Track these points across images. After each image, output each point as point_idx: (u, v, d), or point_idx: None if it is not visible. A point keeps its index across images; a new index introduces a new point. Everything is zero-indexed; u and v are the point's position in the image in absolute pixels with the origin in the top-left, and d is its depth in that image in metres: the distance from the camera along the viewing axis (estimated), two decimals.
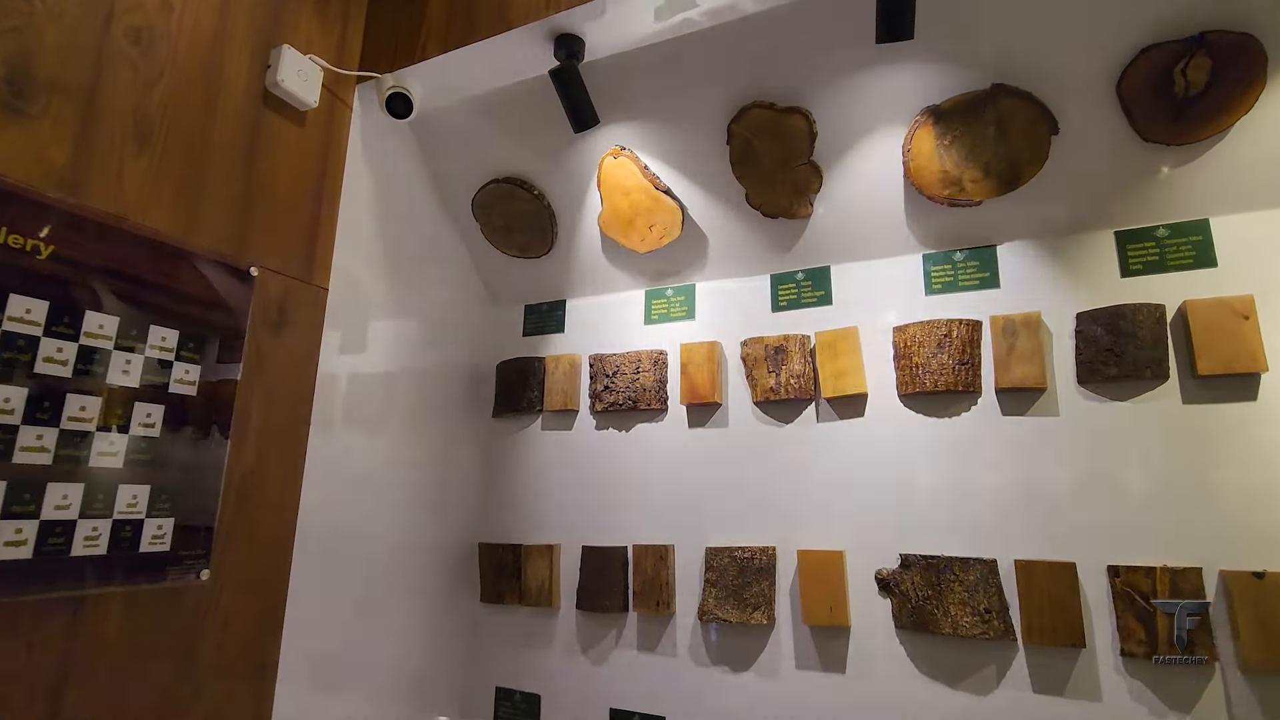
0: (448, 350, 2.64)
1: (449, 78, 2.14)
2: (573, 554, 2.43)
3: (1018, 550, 1.84)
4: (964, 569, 1.86)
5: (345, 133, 2.18)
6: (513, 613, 2.51)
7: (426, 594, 2.44)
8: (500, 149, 2.40)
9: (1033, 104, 1.76)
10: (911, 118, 1.90)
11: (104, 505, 1.48)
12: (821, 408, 2.16)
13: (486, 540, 2.60)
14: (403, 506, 2.37)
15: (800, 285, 2.27)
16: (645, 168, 2.23)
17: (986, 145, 1.84)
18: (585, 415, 2.54)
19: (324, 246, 2.09)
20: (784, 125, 2.00)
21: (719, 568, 2.16)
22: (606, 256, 2.51)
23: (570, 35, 1.95)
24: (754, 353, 2.25)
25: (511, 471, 2.64)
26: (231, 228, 1.81)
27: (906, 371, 2.02)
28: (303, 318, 2.00)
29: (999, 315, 1.94)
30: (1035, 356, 1.88)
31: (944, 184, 1.91)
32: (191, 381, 1.67)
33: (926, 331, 2.00)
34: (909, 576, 1.92)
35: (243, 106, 1.86)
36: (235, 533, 1.75)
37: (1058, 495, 1.83)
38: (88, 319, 1.47)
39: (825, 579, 2.01)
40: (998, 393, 1.94)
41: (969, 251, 2.05)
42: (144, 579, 1.55)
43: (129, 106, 1.59)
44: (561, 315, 2.69)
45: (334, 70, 2.10)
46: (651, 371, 2.41)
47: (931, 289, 2.08)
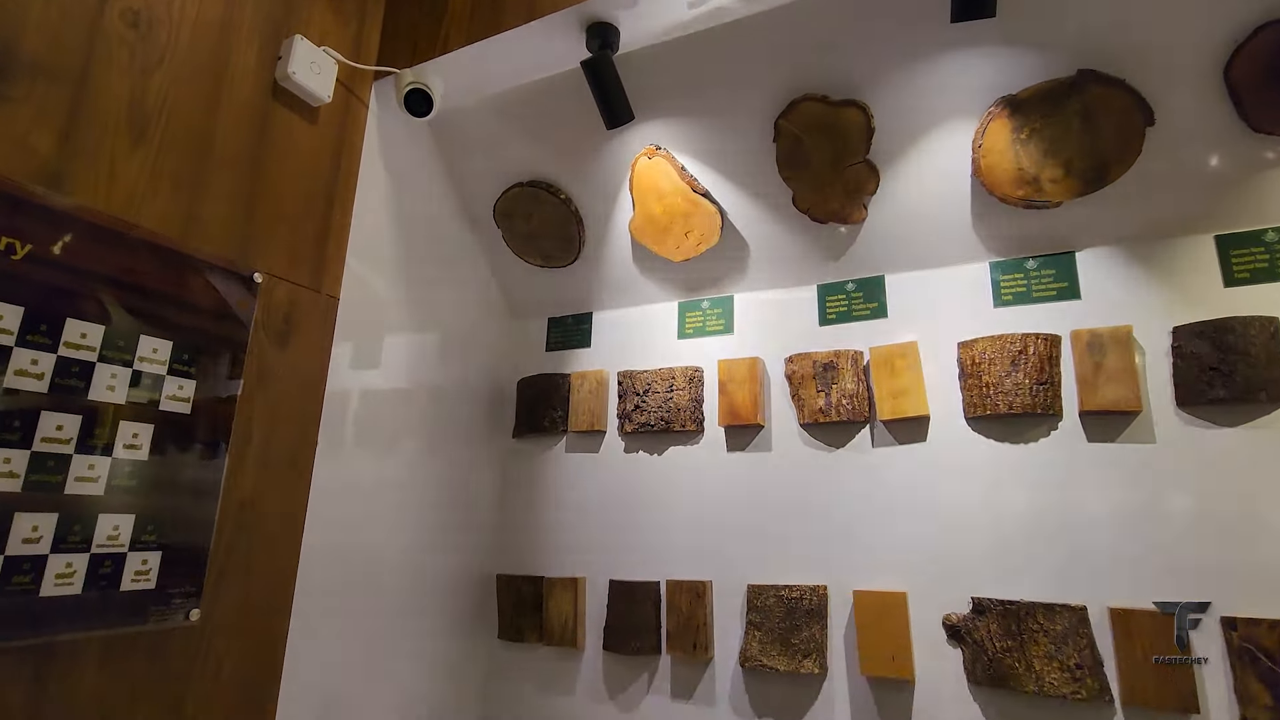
0: (466, 366, 2.47)
1: (472, 72, 1.99)
2: (599, 588, 2.22)
3: (1112, 595, 1.62)
4: (1049, 616, 1.63)
5: (360, 131, 2.03)
6: (533, 652, 2.30)
7: (440, 630, 2.24)
8: (525, 150, 2.24)
9: (1125, 92, 1.57)
10: (983, 110, 1.71)
11: (80, 538, 1.31)
12: (877, 431, 1.95)
13: (505, 572, 2.41)
14: (416, 535, 2.18)
15: (851, 296, 2.07)
16: (682, 169, 2.06)
17: (1070, 139, 1.64)
18: (613, 437, 2.35)
19: (335, 252, 1.93)
20: (838, 120, 1.82)
21: (763, 608, 1.95)
22: (638, 265, 2.33)
23: (604, 24, 1.79)
24: (800, 370, 2.05)
25: (533, 497, 2.44)
26: (234, 230, 1.65)
27: (975, 392, 1.82)
28: (311, 329, 1.83)
29: (1082, 329, 1.74)
30: (1128, 375, 1.66)
31: (1019, 183, 1.72)
32: (185, 398, 1.51)
33: (998, 347, 1.80)
34: (984, 623, 1.70)
35: (250, 99, 1.72)
36: (231, 567, 1.58)
37: (1157, 533, 1.61)
38: (68, 327, 1.31)
39: (885, 624, 1.79)
40: (1082, 416, 1.73)
41: (1044, 259, 1.85)
42: (125, 622, 1.37)
43: (124, 95, 1.45)
44: (588, 329, 2.51)
45: (349, 64, 1.96)
46: (686, 390, 2.22)
47: (1001, 300, 1.87)
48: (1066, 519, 1.69)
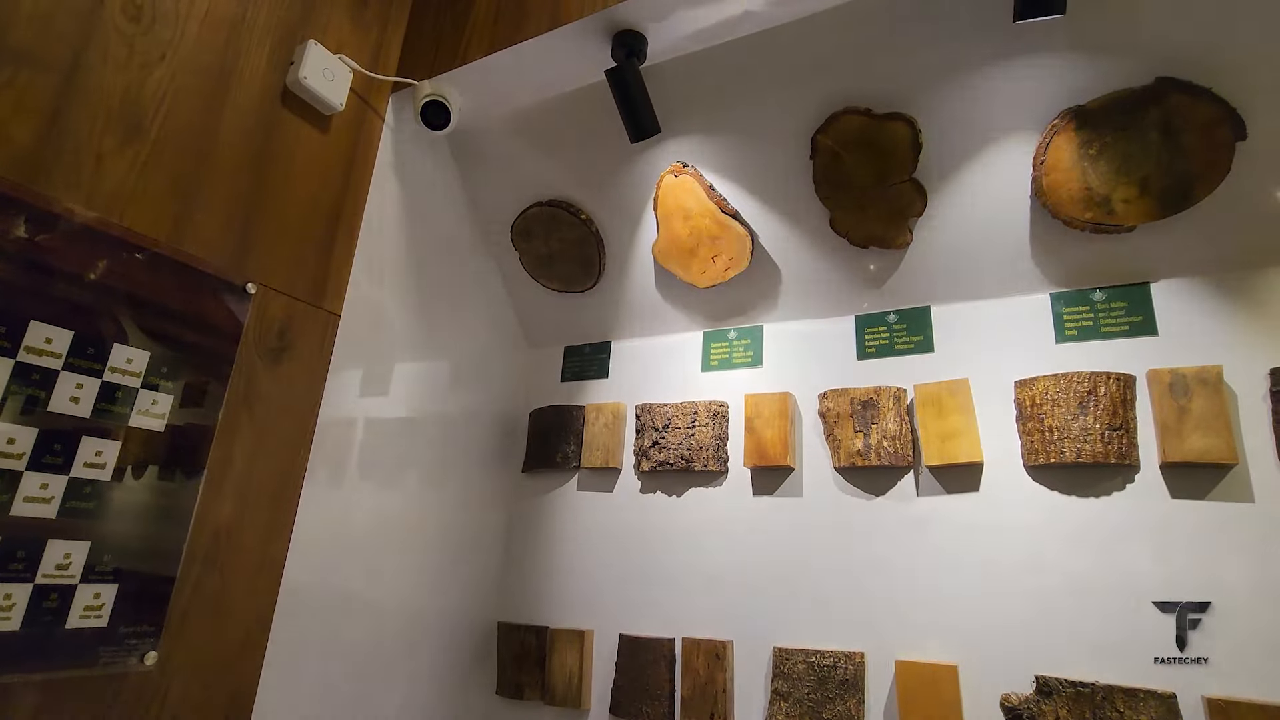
0: (475, 394, 2.33)
1: (492, 84, 1.90)
2: (608, 643, 2.02)
3: (1207, 683, 1.37)
4: (1131, 704, 1.39)
5: (374, 143, 1.94)
6: (533, 712, 2.08)
7: (433, 682, 2.05)
8: (544, 168, 2.13)
9: (1212, 102, 1.40)
10: (1046, 122, 1.55)
11: (24, 566, 1.17)
12: (923, 478, 1.74)
13: (508, 619, 2.21)
14: (412, 576, 2.01)
15: (893, 328, 1.89)
16: (711, 187, 1.92)
17: (1147, 155, 1.47)
18: (629, 475, 2.17)
19: (339, 267, 1.82)
20: (882, 135, 1.68)
21: (791, 675, 1.72)
22: (660, 291, 2.19)
23: (631, 32, 1.69)
24: (836, 407, 1.86)
25: (540, 538, 2.26)
26: (229, 236, 1.55)
27: (1036, 436, 1.61)
28: (307, 347, 1.71)
29: (1162, 369, 1.53)
30: (1219, 422, 1.45)
31: (1087, 204, 1.54)
32: (160, 414, 1.38)
33: (1062, 387, 1.59)
34: (1051, 709, 1.46)
35: (257, 103, 1.63)
36: (197, 605, 1.42)
37: (1257, 609, 1.37)
38: (31, 331, 1.20)
39: (934, 701, 1.56)
40: (1163, 468, 1.51)
41: (1113, 290, 1.65)
42: (70, 664, 1.22)
43: (117, 89, 1.36)
44: (606, 359, 2.36)
45: (365, 74, 1.88)
46: (709, 426, 2.04)
47: (1064, 335, 1.68)
48: (1146, 588, 1.46)
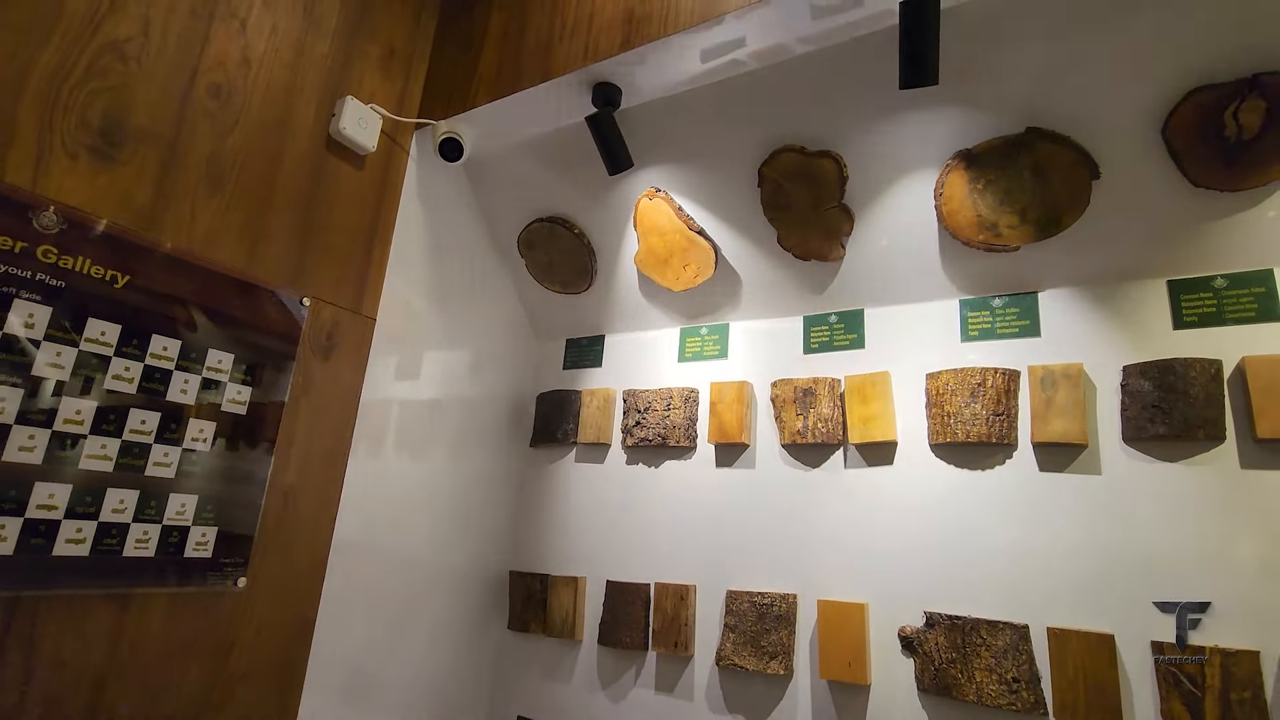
0: (491, 380, 2.75)
1: (498, 123, 2.28)
2: (598, 587, 2.44)
3: (1052, 617, 1.72)
4: (992, 633, 1.75)
5: (401, 174, 2.34)
6: (537, 642, 2.53)
7: (457, 617, 2.50)
8: (544, 189, 2.51)
9: (1070, 147, 1.70)
10: (943, 161, 1.87)
11: (155, 511, 1.63)
12: (849, 453, 2.10)
13: (517, 568, 2.65)
14: (438, 531, 2.46)
15: (833, 327, 2.24)
16: (679, 209, 2.28)
17: (1023, 190, 1.78)
18: (617, 449, 2.58)
19: (375, 279, 2.24)
20: (814, 169, 2.01)
21: (738, 612, 2.12)
22: (643, 294, 2.56)
23: (607, 84, 2.04)
24: (783, 394, 2.23)
25: (544, 501, 2.69)
26: (289, 261, 1.97)
27: (938, 420, 1.95)
28: (350, 345, 2.14)
29: (1038, 365, 1.86)
30: (1075, 410, 1.77)
31: (978, 229, 1.86)
32: (243, 402, 1.82)
33: (960, 379, 1.93)
34: (933, 636, 1.83)
35: (307, 151, 2.04)
36: (273, 545, 1.87)
37: (1097, 560, 1.71)
38: (154, 342, 1.64)
39: (846, 632, 1.94)
40: (1034, 447, 1.84)
41: (1009, 298, 1.97)
42: (187, 582, 1.68)
43: (205, 154, 1.78)
44: (600, 350, 2.75)
45: (392, 118, 2.27)
46: (682, 409, 2.43)
47: (968, 335, 2.01)
48: (1016, 543, 1.81)
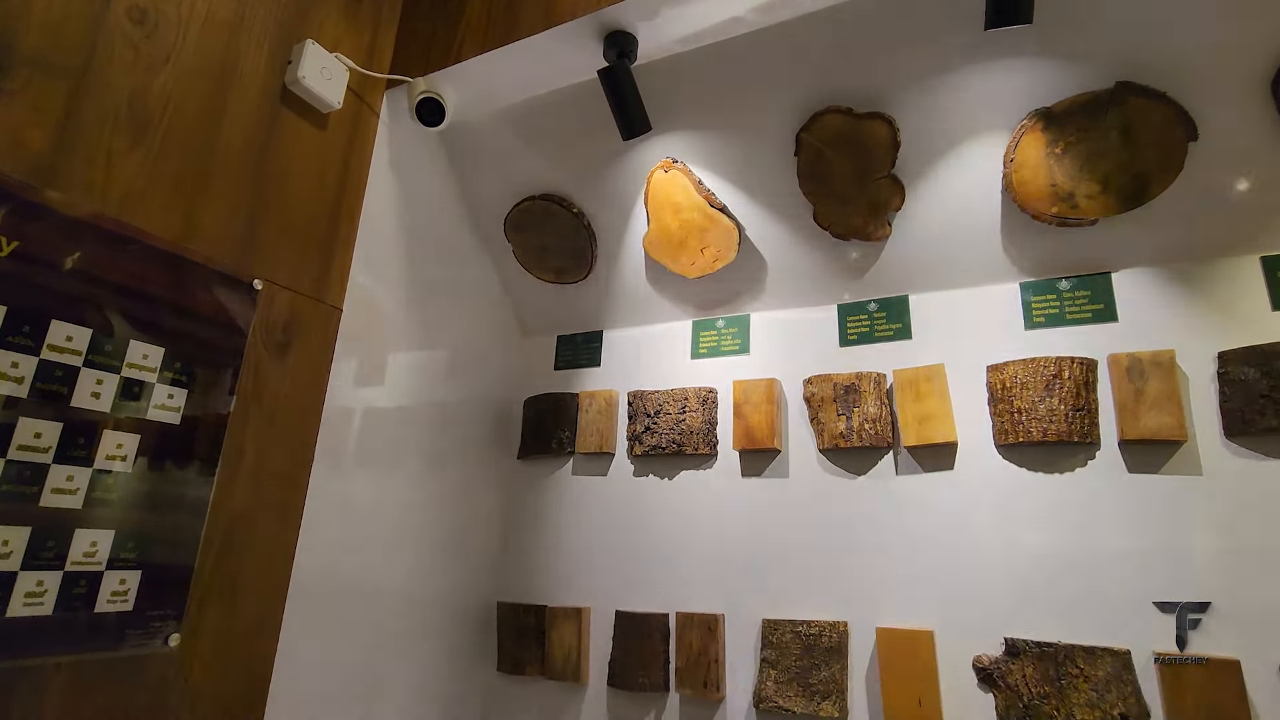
0: (472, 383, 2.40)
1: (486, 82, 1.95)
2: (605, 620, 2.11)
3: (1157, 639, 1.50)
4: (1090, 661, 1.52)
5: (370, 140, 1.98)
6: (534, 686, 2.18)
7: (437, 660, 2.13)
8: (537, 163, 2.19)
9: (1166, 104, 1.50)
10: (1016, 122, 1.65)
11: (54, 554, 1.22)
12: (902, 458, 1.85)
13: (507, 600, 2.29)
14: (415, 559, 2.09)
15: (874, 317, 1.99)
16: (699, 182, 2.00)
17: (1108, 154, 1.57)
18: (622, 459, 2.26)
19: (340, 262, 1.87)
20: (862, 133, 1.76)
21: (779, 645, 1.83)
22: (651, 282, 2.26)
23: (622, 32, 1.75)
24: (820, 392, 1.96)
25: (537, 521, 2.35)
26: (235, 235, 1.59)
27: (1006, 418, 1.72)
28: (312, 340, 1.76)
29: (1121, 354, 1.64)
30: (1171, 402, 1.57)
31: (1053, 199, 1.64)
32: (175, 408, 1.43)
33: (1031, 371, 1.70)
34: (1018, 667, 1.58)
35: (257, 102, 1.67)
36: (216, 589, 1.48)
37: (1205, 573, 1.50)
38: (53, 329, 1.24)
39: (911, 665, 1.68)
40: (1122, 445, 1.63)
41: (1078, 279, 1.76)
42: (99, 645, 1.28)
43: (125, 93, 1.40)
44: (598, 347, 2.43)
45: (361, 72, 1.92)
46: (699, 412, 2.13)
47: (1032, 322, 1.79)
48: (1107, 554, 1.58)
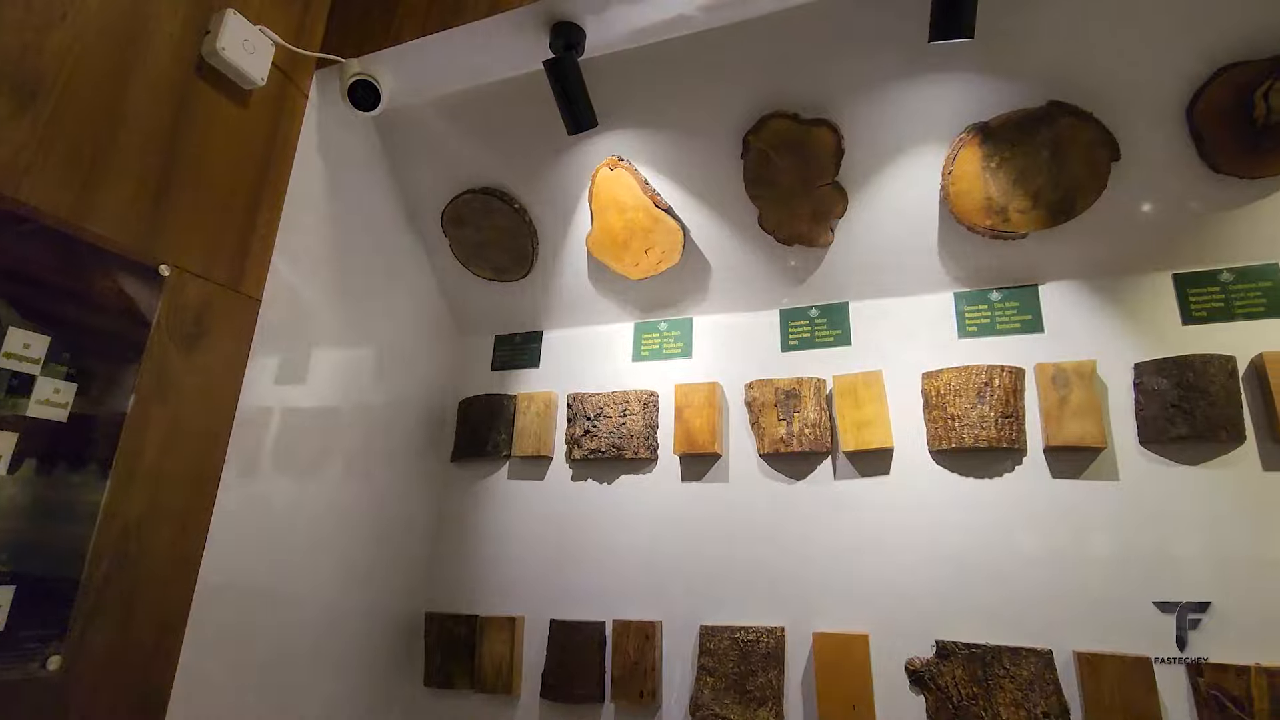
0: (403, 383, 2.28)
1: (425, 67, 1.86)
2: (539, 629, 2.04)
3: (1078, 639, 1.55)
4: (1015, 661, 1.56)
5: (297, 122, 1.86)
6: (463, 700, 2.08)
7: (358, 674, 2.01)
8: (478, 155, 2.11)
9: (1093, 126, 1.57)
10: (954, 136, 1.69)
11: None
12: (840, 463, 1.87)
13: (436, 610, 2.19)
14: (336, 569, 1.96)
15: (815, 322, 2.00)
16: (645, 182, 1.96)
17: (1039, 170, 1.63)
18: (560, 463, 2.20)
19: (260, 250, 1.74)
20: (808, 139, 1.77)
21: (716, 652, 1.81)
22: (593, 282, 2.21)
23: (569, 23, 1.70)
24: (761, 397, 1.96)
25: (470, 527, 2.25)
26: (139, 214, 1.45)
27: (940, 424, 1.76)
28: (226, 333, 1.63)
29: (1047, 363, 1.71)
30: (1092, 411, 1.63)
31: (987, 212, 1.69)
32: (62, 404, 1.28)
33: (964, 379, 1.75)
34: (949, 669, 1.61)
35: (169, 73, 1.53)
36: (106, 605, 1.34)
37: (1122, 573, 1.56)
38: None
39: (846, 669, 1.68)
40: (1046, 452, 1.69)
41: (1008, 291, 1.83)
42: None
43: (13, 50, 1.25)
44: (537, 348, 2.36)
45: (288, 48, 1.79)
46: (640, 415, 2.10)
47: (965, 331, 1.84)
48: (1032, 557, 1.63)
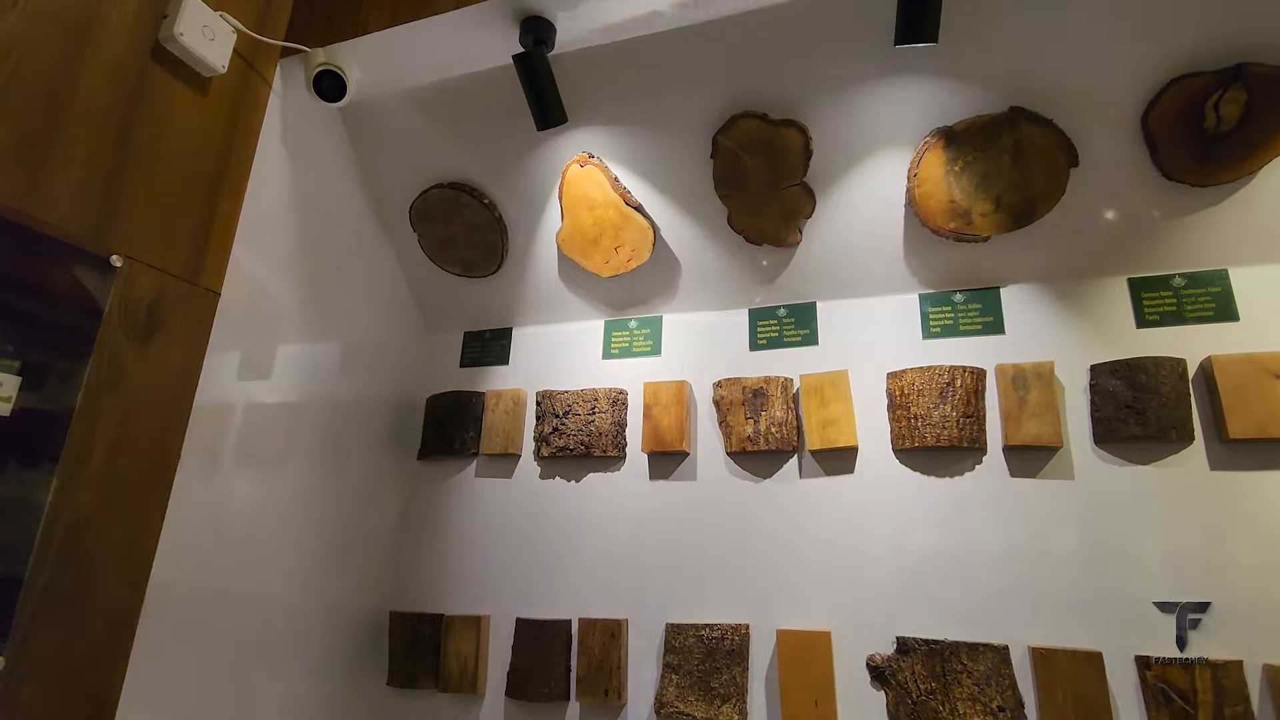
0: (369, 379, 2.25)
1: (393, 59, 1.84)
2: (505, 628, 2.03)
3: (1032, 633, 1.59)
4: (973, 657, 1.59)
5: (260, 111, 1.82)
6: (427, 700, 2.06)
7: (320, 674, 1.98)
8: (447, 149, 2.08)
9: (1053, 132, 1.60)
10: (920, 139, 1.71)
11: None
12: (806, 461, 1.88)
13: (401, 609, 2.16)
14: (299, 565, 1.93)
15: (783, 322, 2.02)
16: (616, 179, 1.96)
17: (1001, 175, 1.66)
18: (528, 461, 2.19)
19: (220, 242, 1.70)
20: (777, 139, 1.78)
21: (682, 649, 1.82)
22: (563, 279, 2.20)
23: (539, 18, 1.69)
24: (729, 395, 1.97)
25: (437, 525, 2.23)
26: (90, 203, 1.41)
27: (904, 423, 1.78)
28: (182, 325, 1.59)
29: (1007, 364, 1.74)
30: (1049, 411, 1.67)
31: (951, 215, 1.72)
32: (7, 398, 1.24)
33: (927, 379, 1.77)
34: (908, 665, 1.63)
35: (124, 57, 1.49)
36: (51, 603, 1.30)
37: (1075, 570, 1.60)
38: None
39: (809, 666, 1.70)
40: (1005, 451, 1.72)
41: (971, 293, 1.86)
42: None
43: None
44: (507, 345, 2.35)
45: (251, 35, 1.75)
46: (609, 413, 2.09)
47: (930, 332, 1.87)
48: (990, 555, 1.67)
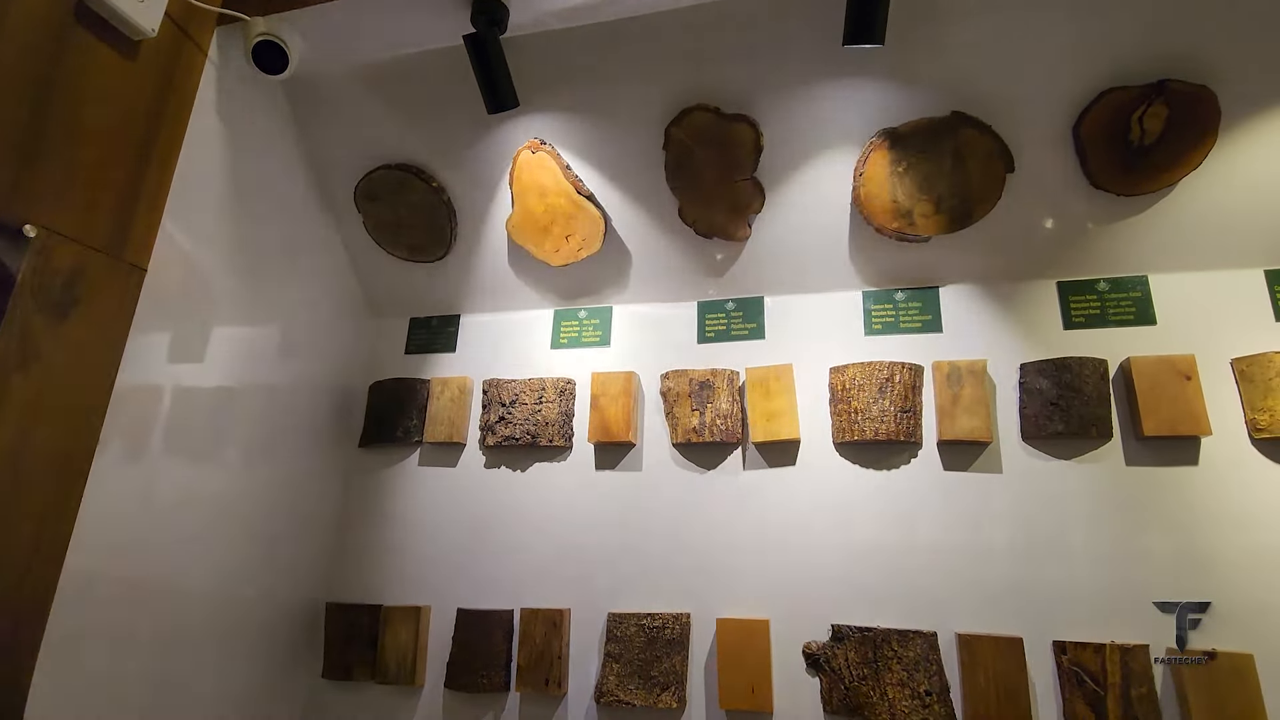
0: (308, 364, 2.18)
1: (339, 33, 1.77)
2: (445, 618, 2.00)
3: (961, 621, 1.65)
4: (903, 643, 1.64)
5: (194, 79, 1.74)
6: (363, 692, 2.02)
7: (250, 667, 1.92)
8: (395, 129, 2.03)
9: (992, 138, 1.66)
10: (866, 139, 1.75)
11: None
12: (750, 453, 1.91)
13: (337, 599, 2.11)
14: (230, 556, 1.86)
15: (731, 315, 2.04)
16: (567, 167, 1.94)
17: (942, 177, 1.71)
18: (473, 450, 2.16)
19: (147, 215, 1.62)
20: (728, 133, 1.79)
21: (623, 638, 1.83)
22: (513, 267, 2.18)
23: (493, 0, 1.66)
24: (676, 387, 1.98)
25: (377, 515, 2.18)
26: (3, 169, 1.32)
27: (845, 417, 1.83)
28: (103, 302, 1.51)
29: (943, 361, 1.80)
30: (981, 407, 1.73)
31: (894, 215, 1.76)
32: None
33: (867, 374, 1.82)
34: (842, 651, 1.68)
35: (42, 16, 1.40)
36: None
37: (1000, 561, 1.67)
38: None
39: (747, 654, 1.73)
40: (940, 445, 1.78)
41: (911, 291, 1.91)
42: None
43: None
44: (454, 331, 2.31)
45: None
46: (556, 403, 2.08)
47: (871, 329, 1.91)
48: (922, 545, 1.72)
